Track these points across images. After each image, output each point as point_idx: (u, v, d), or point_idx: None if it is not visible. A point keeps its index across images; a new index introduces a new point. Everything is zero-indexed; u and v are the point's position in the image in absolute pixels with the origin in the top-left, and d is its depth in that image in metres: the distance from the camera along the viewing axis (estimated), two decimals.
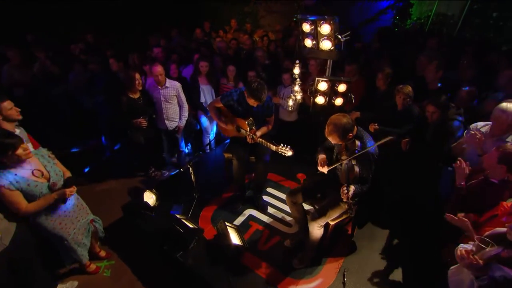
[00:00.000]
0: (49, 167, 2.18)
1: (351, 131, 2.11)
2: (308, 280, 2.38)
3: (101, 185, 3.89)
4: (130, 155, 4.35)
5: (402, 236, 2.79)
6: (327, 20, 2.51)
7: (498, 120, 2.37)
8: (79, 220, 2.43)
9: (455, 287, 1.80)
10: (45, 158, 2.20)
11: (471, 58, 4.15)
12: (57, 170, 2.22)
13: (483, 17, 9.43)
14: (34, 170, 2.09)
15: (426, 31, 9.52)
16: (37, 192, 2.06)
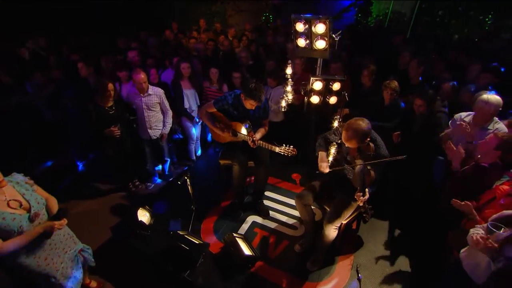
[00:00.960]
0: (28, 195, 1.87)
1: (369, 135, 2.13)
2: (325, 282, 2.37)
3: (78, 206, 3.49)
4: (106, 169, 3.97)
5: (402, 225, 2.93)
6: (322, 19, 2.50)
7: (481, 110, 2.58)
8: (67, 251, 2.12)
9: (471, 270, 1.91)
10: (21, 186, 1.88)
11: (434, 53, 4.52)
12: (38, 198, 1.92)
13: (431, 15, 10.41)
14: (10, 200, 1.77)
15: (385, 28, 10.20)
16: (15, 226, 1.74)
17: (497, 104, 2.53)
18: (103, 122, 3.12)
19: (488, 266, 1.80)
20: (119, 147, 3.35)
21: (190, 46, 5.19)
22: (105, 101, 3.12)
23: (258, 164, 2.94)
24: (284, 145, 2.64)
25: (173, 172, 4.23)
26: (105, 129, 3.14)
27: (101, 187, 3.78)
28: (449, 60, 4.42)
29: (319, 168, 2.41)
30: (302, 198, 2.46)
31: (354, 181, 2.20)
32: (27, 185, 1.92)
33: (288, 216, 3.07)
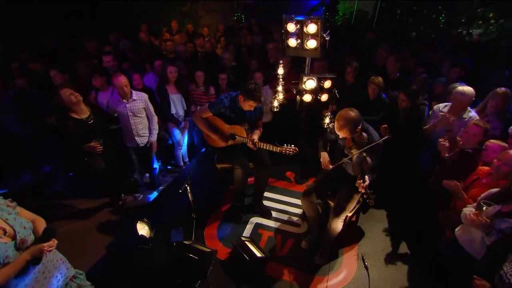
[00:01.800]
0: (12, 220, 1.66)
1: (360, 124, 2.25)
2: (335, 274, 2.46)
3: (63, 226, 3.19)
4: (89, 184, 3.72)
5: (397, 212, 3.12)
6: (314, 19, 2.58)
7: (458, 101, 2.86)
8: (59, 278, 1.94)
9: (468, 246, 2.10)
10: (3, 210, 1.67)
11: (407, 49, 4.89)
12: (23, 222, 1.71)
13: (391, 13, 11.19)
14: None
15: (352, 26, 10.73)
16: (1, 257, 1.55)
17: (472, 94, 2.81)
18: (83, 136, 2.85)
19: (483, 240, 2.00)
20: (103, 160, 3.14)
21: (167, 49, 5.02)
22: (79, 110, 2.84)
23: (259, 166, 2.94)
24: (285, 145, 2.69)
25: (161, 180, 4.08)
26: (85, 145, 2.85)
27: (87, 203, 3.51)
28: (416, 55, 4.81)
29: (323, 166, 2.49)
30: (308, 195, 2.52)
31: (354, 170, 2.31)
32: (9, 209, 1.72)
33: (289, 215, 3.12)
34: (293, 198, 3.37)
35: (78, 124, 2.81)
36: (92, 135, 2.90)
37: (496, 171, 2.16)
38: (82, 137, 2.84)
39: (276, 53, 4.56)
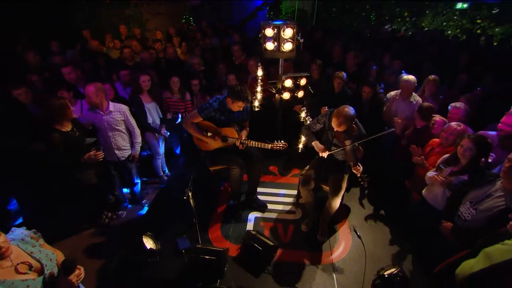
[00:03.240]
0: (37, 253, 1.59)
1: (355, 119, 2.63)
2: (337, 247, 2.83)
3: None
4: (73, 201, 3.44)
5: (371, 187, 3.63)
6: (290, 25, 2.88)
7: (405, 87, 3.49)
8: None
9: (433, 200, 2.65)
10: (27, 242, 1.58)
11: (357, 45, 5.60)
12: (49, 254, 1.64)
13: (328, 12, 12.32)
14: (18, 265, 1.50)
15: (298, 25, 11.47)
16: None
17: (414, 81, 3.47)
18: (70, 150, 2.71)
19: (444, 194, 2.57)
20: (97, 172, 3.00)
21: (126, 56, 4.79)
22: (65, 122, 2.71)
23: (251, 163, 3.13)
24: (276, 141, 2.94)
25: (143, 193, 3.96)
26: (85, 156, 2.74)
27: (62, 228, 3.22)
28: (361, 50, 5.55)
29: (320, 153, 2.82)
30: (307, 183, 2.83)
31: (348, 158, 2.69)
32: (33, 240, 1.63)
33: (283, 204, 3.40)
34: (282, 189, 3.66)
35: (65, 137, 2.68)
36: (78, 148, 2.78)
37: (445, 140, 2.77)
38: (68, 150, 2.70)
39: (241, 54, 4.78)
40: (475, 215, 2.12)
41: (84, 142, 2.92)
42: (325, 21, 11.92)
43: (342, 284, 2.48)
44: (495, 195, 2.06)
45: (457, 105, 3.00)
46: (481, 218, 2.07)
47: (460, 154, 2.42)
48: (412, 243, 2.81)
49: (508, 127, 2.53)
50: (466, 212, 2.18)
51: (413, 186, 3.11)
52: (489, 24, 8.48)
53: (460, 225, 2.22)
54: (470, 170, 2.37)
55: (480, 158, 2.33)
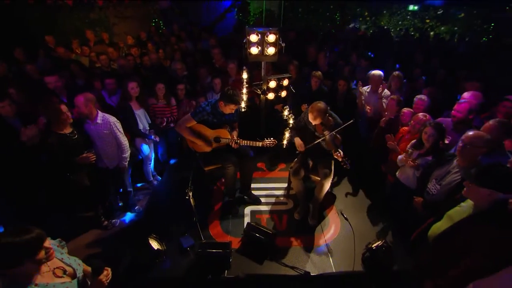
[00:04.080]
0: (67, 260, 1.72)
1: (328, 111, 2.96)
2: (328, 230, 3.17)
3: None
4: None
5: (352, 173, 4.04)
6: (273, 31, 3.14)
7: (374, 82, 3.96)
8: None
9: (405, 181, 3.09)
10: (56, 250, 1.69)
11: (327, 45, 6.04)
12: (76, 260, 1.78)
13: (294, 12, 12.81)
14: (55, 269, 1.62)
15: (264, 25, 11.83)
16: None
17: (380, 75, 3.95)
18: (67, 151, 2.84)
19: (414, 174, 3.01)
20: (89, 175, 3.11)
21: (102, 63, 4.73)
22: (63, 127, 2.80)
23: (244, 160, 3.35)
24: (266, 139, 3.20)
25: (135, 200, 4.00)
26: (78, 157, 2.89)
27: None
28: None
29: (298, 148, 3.12)
30: (297, 174, 3.12)
31: (329, 146, 3.03)
32: (59, 249, 1.74)
33: (275, 197, 3.67)
34: (272, 183, 3.93)
35: (61, 139, 2.80)
36: (76, 150, 2.92)
37: (413, 128, 3.23)
38: (66, 152, 2.84)
39: (221, 57, 4.97)
40: (439, 189, 2.56)
41: (82, 144, 2.99)
42: (292, 21, 12.40)
43: (336, 261, 2.81)
44: (453, 171, 2.50)
45: (422, 97, 3.49)
46: (444, 192, 2.51)
47: (424, 140, 2.87)
48: (391, 218, 3.24)
49: (460, 113, 3.04)
50: (433, 188, 2.62)
51: (388, 170, 3.55)
52: (436, 23, 9.56)
53: (428, 199, 2.66)
54: (433, 152, 2.83)
55: (440, 141, 2.79)
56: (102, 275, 1.75)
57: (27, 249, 1.36)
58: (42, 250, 1.44)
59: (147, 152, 3.97)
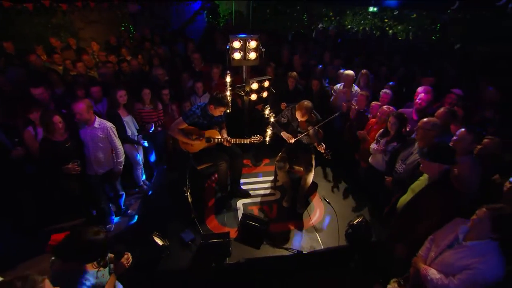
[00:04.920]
0: None
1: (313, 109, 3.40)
2: (314, 214, 3.61)
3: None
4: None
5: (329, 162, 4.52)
6: (254, 37, 3.51)
7: (346, 80, 4.48)
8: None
9: (376, 165, 3.63)
10: None
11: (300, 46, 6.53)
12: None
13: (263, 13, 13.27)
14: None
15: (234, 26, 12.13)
16: (105, 281, 1.88)
17: (353, 75, 4.48)
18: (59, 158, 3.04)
19: (383, 159, 3.56)
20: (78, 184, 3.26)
21: (80, 71, 4.77)
22: (57, 135, 2.99)
23: (233, 157, 3.67)
24: (252, 136, 3.55)
25: (127, 204, 4.15)
26: (63, 166, 3.05)
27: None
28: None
29: (288, 140, 3.52)
30: (283, 167, 3.52)
31: (312, 140, 3.47)
32: None
33: (263, 189, 4.04)
34: (259, 177, 4.30)
35: (54, 146, 2.99)
36: (68, 158, 3.10)
37: (379, 119, 3.78)
38: (57, 159, 3.04)
39: (201, 62, 5.24)
40: (405, 168, 3.09)
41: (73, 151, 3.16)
42: (261, 22, 12.85)
43: (323, 239, 3.25)
44: (414, 152, 3.05)
45: (387, 91, 4.06)
46: (408, 170, 3.04)
47: (389, 128, 3.41)
48: (367, 198, 3.77)
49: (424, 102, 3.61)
50: (400, 167, 3.15)
51: (361, 157, 4.09)
52: (393, 22, 10.59)
53: (396, 177, 3.19)
54: (397, 138, 3.38)
55: (402, 128, 3.35)
56: (123, 259, 2.01)
57: (101, 250, 1.66)
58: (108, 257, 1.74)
59: (137, 157, 4.13)
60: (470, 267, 1.86)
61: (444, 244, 2.09)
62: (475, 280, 1.81)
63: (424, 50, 7.38)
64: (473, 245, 1.89)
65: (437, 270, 2.08)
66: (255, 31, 7.88)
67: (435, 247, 2.18)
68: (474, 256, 1.86)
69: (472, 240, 1.92)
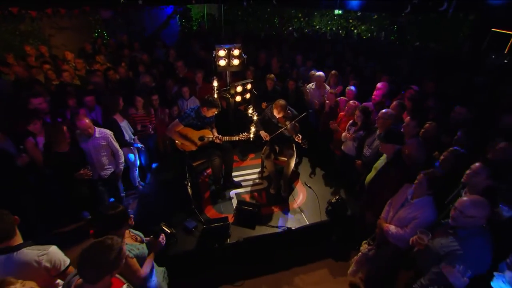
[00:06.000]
0: (134, 231, 2.44)
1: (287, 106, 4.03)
2: (298, 197, 4.27)
3: None
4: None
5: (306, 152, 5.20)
6: (237, 47, 4.08)
7: (318, 81, 5.21)
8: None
9: (348, 151, 4.35)
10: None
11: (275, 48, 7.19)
12: (139, 233, 2.49)
13: (234, 16, 13.81)
14: (131, 235, 2.34)
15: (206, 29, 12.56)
16: (145, 254, 2.35)
17: (323, 76, 5.22)
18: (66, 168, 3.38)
19: (353, 146, 4.30)
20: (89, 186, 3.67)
21: (66, 80, 5.01)
22: (63, 146, 3.32)
23: (225, 153, 4.21)
24: (241, 133, 4.12)
25: (127, 204, 4.52)
26: (76, 173, 3.40)
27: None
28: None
29: (264, 138, 4.12)
30: (269, 157, 4.13)
31: (290, 132, 4.10)
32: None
33: (252, 180, 4.63)
34: (246, 170, 4.88)
35: (61, 157, 3.34)
36: (73, 167, 3.45)
37: (347, 113, 4.53)
38: (65, 169, 3.39)
39: (184, 68, 5.70)
40: (371, 152, 3.83)
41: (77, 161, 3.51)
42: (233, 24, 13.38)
43: (308, 216, 3.91)
44: (376, 138, 3.80)
45: (351, 88, 4.82)
46: (373, 153, 3.78)
47: (356, 120, 4.15)
48: (341, 179, 4.50)
49: (377, 97, 4.41)
50: (367, 152, 3.89)
51: (335, 146, 4.82)
52: (357, 23, 11.69)
53: (364, 160, 3.93)
54: (363, 127, 4.12)
55: (366, 119, 4.10)
56: (160, 238, 2.49)
57: (125, 215, 2.08)
58: (130, 217, 2.17)
59: (133, 159, 4.51)
60: (416, 217, 2.59)
61: (398, 204, 2.82)
62: (420, 225, 2.53)
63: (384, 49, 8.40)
64: (417, 201, 2.62)
65: (395, 225, 2.79)
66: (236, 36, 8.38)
67: (392, 208, 2.90)
68: (418, 209, 2.59)
69: (416, 198, 2.65)
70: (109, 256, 1.55)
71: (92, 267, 1.52)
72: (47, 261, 1.96)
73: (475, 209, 2.02)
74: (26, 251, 1.92)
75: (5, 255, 1.83)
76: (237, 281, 3.54)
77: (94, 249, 1.56)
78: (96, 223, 2.19)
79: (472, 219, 2.04)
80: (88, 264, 1.51)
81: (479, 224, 2.08)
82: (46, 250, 1.99)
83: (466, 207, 2.05)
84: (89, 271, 1.51)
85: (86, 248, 1.56)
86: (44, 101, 3.77)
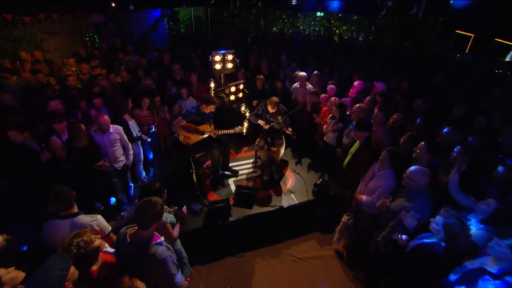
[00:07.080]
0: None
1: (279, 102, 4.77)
2: (287, 182, 5.02)
3: None
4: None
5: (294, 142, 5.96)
6: (230, 52, 4.77)
7: (301, 80, 5.98)
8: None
9: (330, 141, 5.14)
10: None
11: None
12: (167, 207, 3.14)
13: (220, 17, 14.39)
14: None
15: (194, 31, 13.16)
16: (174, 221, 3.01)
17: (305, 76, 6.00)
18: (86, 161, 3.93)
19: (334, 136, 5.08)
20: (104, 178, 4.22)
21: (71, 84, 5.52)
22: (82, 142, 3.88)
23: (223, 145, 4.90)
24: (236, 126, 4.82)
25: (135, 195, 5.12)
26: (95, 164, 3.93)
27: None
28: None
29: (264, 126, 4.84)
30: (262, 148, 4.85)
31: (282, 126, 4.84)
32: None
33: (247, 169, 5.34)
34: (241, 161, 5.60)
35: (81, 151, 3.90)
36: (90, 159, 3.98)
37: (329, 108, 5.31)
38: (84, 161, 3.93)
39: (181, 71, 6.34)
40: (348, 140, 4.62)
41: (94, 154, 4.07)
42: (219, 25, 14.02)
43: (297, 197, 4.68)
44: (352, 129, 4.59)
45: (331, 86, 5.62)
46: (351, 141, 4.57)
47: (334, 113, 4.94)
48: (324, 165, 5.29)
49: (353, 94, 5.22)
50: (345, 140, 4.68)
51: (318, 137, 5.60)
52: (339, 23, 12.64)
53: (343, 148, 4.72)
54: (341, 120, 4.91)
55: (343, 113, 4.89)
56: (183, 209, 3.15)
57: (162, 190, 2.73)
58: (164, 191, 2.82)
59: (139, 155, 5.12)
60: (380, 186, 3.38)
61: (368, 178, 3.60)
62: (384, 192, 3.31)
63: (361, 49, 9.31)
64: (381, 173, 3.41)
65: (365, 195, 3.57)
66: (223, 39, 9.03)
67: (364, 182, 3.69)
68: (382, 179, 3.38)
69: (381, 171, 3.43)
70: (156, 208, 2.20)
71: (145, 216, 2.17)
72: (97, 225, 2.61)
73: (415, 174, 2.82)
74: (82, 217, 2.56)
75: (70, 219, 2.47)
76: (239, 253, 4.23)
77: (146, 203, 2.21)
78: (140, 196, 2.77)
79: (415, 182, 2.84)
80: (142, 214, 2.17)
81: (422, 187, 2.88)
82: (95, 217, 2.63)
83: (409, 173, 2.86)
84: (143, 218, 2.17)
85: (140, 204, 2.22)
86: (60, 103, 4.32)
